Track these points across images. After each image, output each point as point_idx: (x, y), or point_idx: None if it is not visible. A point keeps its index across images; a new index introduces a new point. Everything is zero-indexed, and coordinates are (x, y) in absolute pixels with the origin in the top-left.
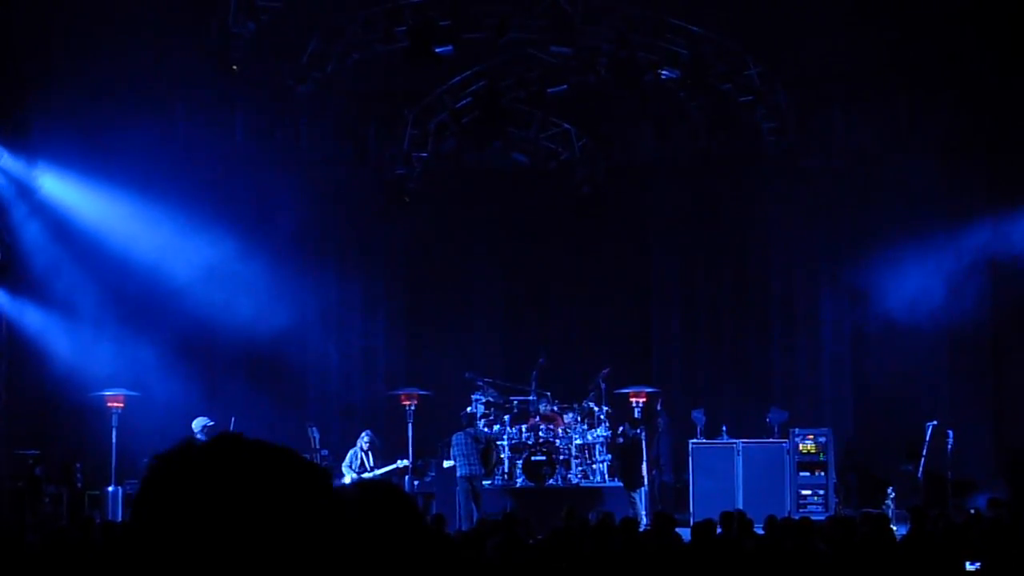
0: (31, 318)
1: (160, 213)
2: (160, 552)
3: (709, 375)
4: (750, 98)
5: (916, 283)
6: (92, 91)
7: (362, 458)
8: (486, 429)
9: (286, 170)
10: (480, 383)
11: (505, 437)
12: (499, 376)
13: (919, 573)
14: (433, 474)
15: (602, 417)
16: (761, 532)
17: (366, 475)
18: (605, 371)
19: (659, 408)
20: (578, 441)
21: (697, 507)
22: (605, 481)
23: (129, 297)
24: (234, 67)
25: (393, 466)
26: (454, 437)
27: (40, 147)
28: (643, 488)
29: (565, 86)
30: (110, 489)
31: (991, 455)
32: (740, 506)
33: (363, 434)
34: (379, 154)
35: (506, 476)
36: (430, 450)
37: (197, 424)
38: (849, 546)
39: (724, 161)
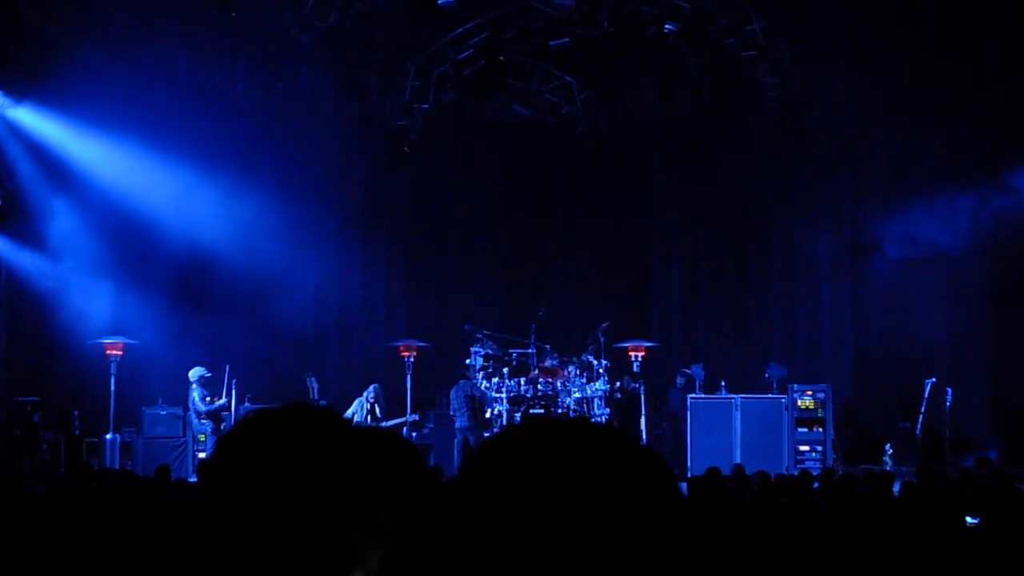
0: (31, 265)
1: (161, 160)
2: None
3: (708, 330)
4: (753, 53)
5: (916, 240)
6: (94, 37)
7: (369, 409)
8: (484, 382)
9: (287, 119)
10: (479, 335)
11: (504, 390)
12: (498, 329)
13: (919, 528)
14: (432, 426)
15: (601, 371)
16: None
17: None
18: (604, 325)
19: (684, 370)
20: (576, 394)
21: (695, 462)
22: None
23: (129, 244)
24: (233, 13)
25: (403, 420)
26: (453, 389)
27: (41, 93)
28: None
29: (567, 39)
30: (108, 437)
31: (989, 413)
32: (738, 461)
33: (371, 387)
34: (381, 105)
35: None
36: (428, 402)
37: (194, 374)
38: (847, 502)
39: (726, 116)
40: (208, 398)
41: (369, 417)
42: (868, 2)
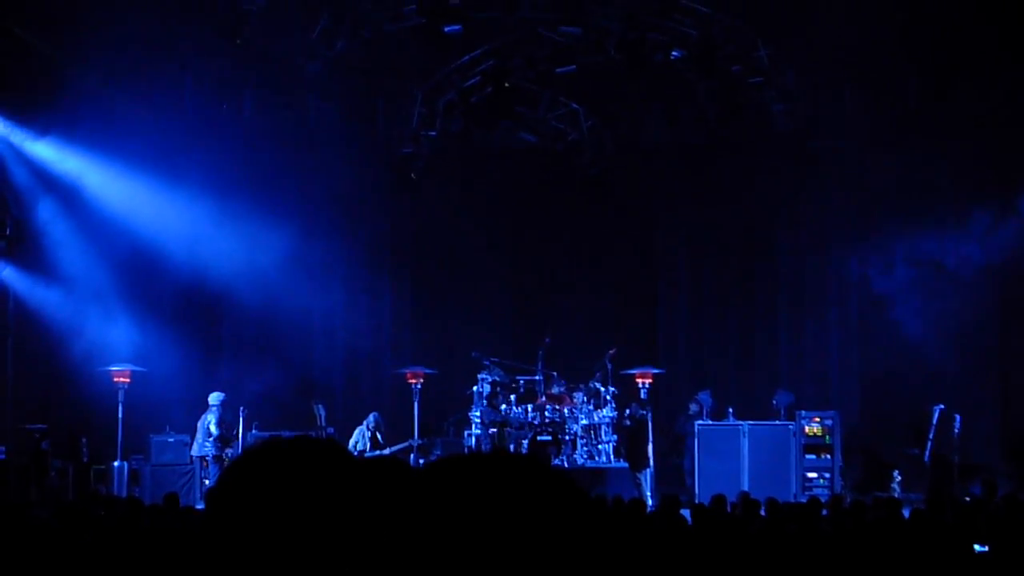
0: (39, 293)
1: (168, 188)
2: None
3: (715, 356)
4: (759, 80)
5: (924, 266)
6: (101, 66)
7: (371, 437)
8: (504, 408)
9: (294, 147)
10: (486, 362)
11: (512, 417)
12: (505, 356)
13: (928, 556)
14: (439, 452)
15: (608, 398)
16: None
17: (379, 453)
18: (611, 351)
19: (699, 396)
20: (584, 421)
21: (702, 488)
22: (610, 462)
23: (136, 272)
24: (238, 41)
25: (406, 444)
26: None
27: (49, 122)
28: (648, 469)
29: (574, 66)
30: (116, 464)
31: (998, 439)
32: (745, 488)
33: (371, 415)
34: (387, 132)
35: None
36: (436, 428)
37: (215, 398)
38: (857, 529)
39: (732, 143)
40: (224, 423)
41: (370, 445)
42: (874, 28)
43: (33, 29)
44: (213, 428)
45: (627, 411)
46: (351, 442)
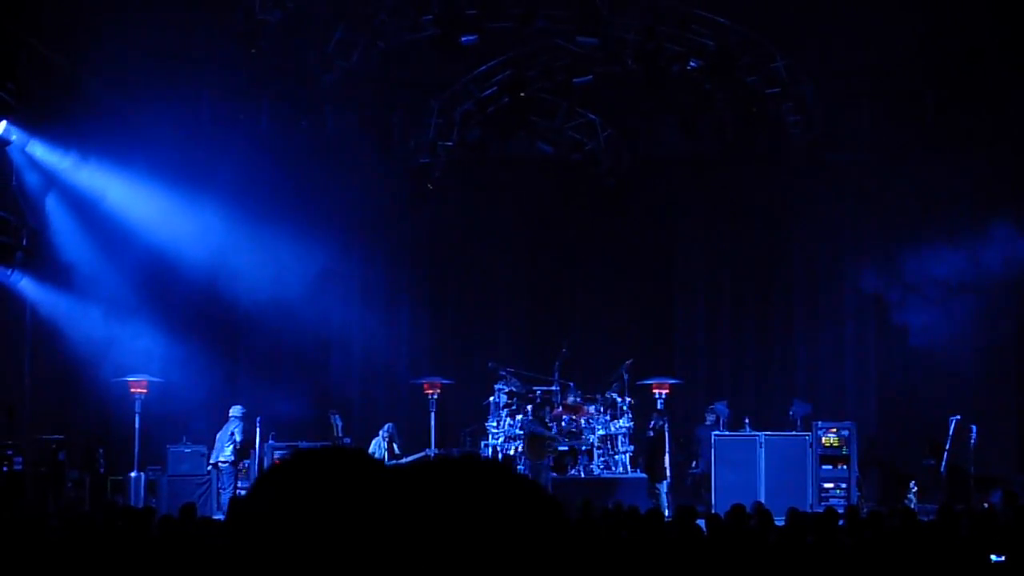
0: (56, 303)
1: (185, 199)
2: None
3: (732, 367)
4: (776, 91)
5: (940, 278)
6: (119, 77)
7: (387, 448)
8: (508, 419)
9: (311, 158)
10: (503, 372)
11: (528, 427)
12: (522, 366)
13: (945, 566)
14: None
15: (625, 408)
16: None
17: (395, 463)
18: (628, 362)
19: (715, 406)
20: (600, 432)
21: (719, 499)
22: (627, 472)
23: (153, 283)
24: (252, 50)
25: (422, 454)
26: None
27: (67, 133)
28: (667, 480)
29: (591, 76)
30: (132, 474)
31: (1015, 450)
32: (762, 499)
33: (386, 425)
34: (404, 143)
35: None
36: (453, 439)
37: (237, 410)
38: (875, 540)
39: (749, 154)
40: (245, 434)
41: (387, 455)
42: (891, 40)
43: (52, 42)
44: (238, 435)
45: (651, 422)
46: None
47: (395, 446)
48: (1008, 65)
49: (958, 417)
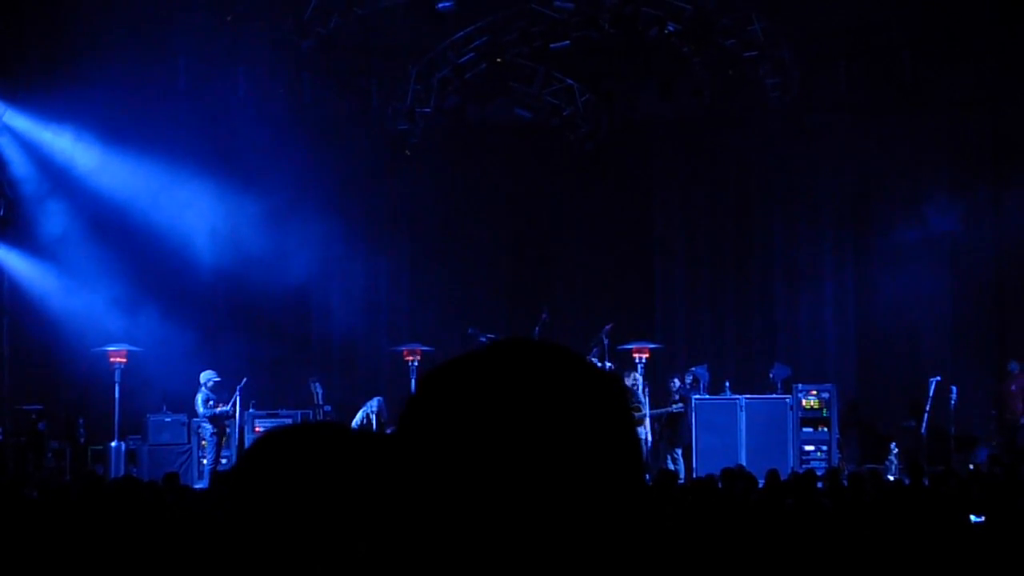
0: (33, 273)
1: (162, 167)
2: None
3: (712, 331)
4: (754, 54)
5: (919, 239)
6: (93, 45)
7: (371, 419)
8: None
9: (288, 124)
10: (483, 339)
11: None
12: (502, 332)
13: (923, 526)
14: None
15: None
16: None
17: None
18: (608, 327)
19: (695, 370)
20: None
21: (700, 463)
22: None
23: (130, 251)
24: (229, 17)
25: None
26: None
27: (40, 100)
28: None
29: (568, 42)
30: (113, 444)
31: (994, 411)
32: (743, 462)
33: (375, 399)
34: (382, 109)
35: None
36: None
37: (204, 376)
38: (854, 502)
39: (727, 117)
40: (211, 402)
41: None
42: (868, 1)
43: (27, 13)
44: (201, 408)
45: (675, 391)
46: (354, 422)
47: (375, 419)
48: (987, 24)
49: (938, 378)
